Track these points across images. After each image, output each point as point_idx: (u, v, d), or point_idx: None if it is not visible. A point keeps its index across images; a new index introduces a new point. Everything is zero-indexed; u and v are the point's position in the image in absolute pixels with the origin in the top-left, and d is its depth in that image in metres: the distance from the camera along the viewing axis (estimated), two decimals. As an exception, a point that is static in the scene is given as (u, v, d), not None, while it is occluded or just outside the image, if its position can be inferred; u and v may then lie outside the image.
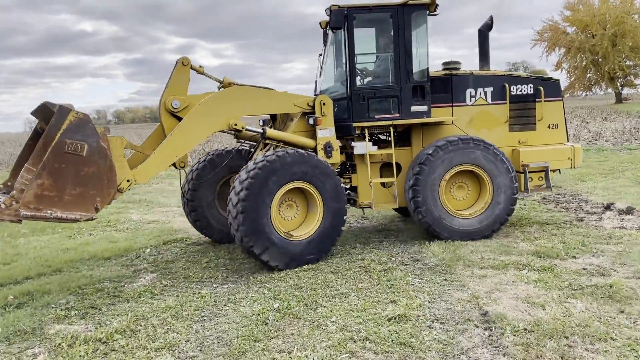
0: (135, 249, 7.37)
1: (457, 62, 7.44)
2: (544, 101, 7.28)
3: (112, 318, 4.80)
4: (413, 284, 5.24)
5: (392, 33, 6.78)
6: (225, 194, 6.83)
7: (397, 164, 7.08)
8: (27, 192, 4.92)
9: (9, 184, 5.68)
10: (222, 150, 7.55)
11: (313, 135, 6.68)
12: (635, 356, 3.57)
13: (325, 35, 7.54)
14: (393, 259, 6.17)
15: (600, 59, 49.36)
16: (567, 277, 5.19)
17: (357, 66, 6.93)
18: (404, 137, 7.30)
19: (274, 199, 5.92)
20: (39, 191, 4.99)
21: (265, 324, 4.46)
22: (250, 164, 5.97)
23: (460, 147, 6.66)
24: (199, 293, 5.35)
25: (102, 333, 4.39)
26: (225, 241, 7.38)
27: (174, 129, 6.10)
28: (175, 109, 6.29)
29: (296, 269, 5.95)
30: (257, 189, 5.81)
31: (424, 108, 6.81)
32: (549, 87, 7.35)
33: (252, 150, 7.14)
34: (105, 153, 5.29)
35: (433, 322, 4.33)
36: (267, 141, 6.66)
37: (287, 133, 6.71)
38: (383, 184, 7.13)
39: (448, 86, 7.12)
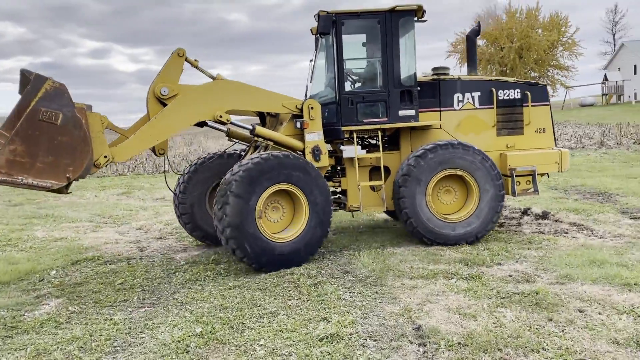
0: (38, 271, 6.64)
1: (446, 68, 7.56)
2: (531, 106, 7.38)
3: (8, 354, 4.20)
4: (344, 299, 5.05)
5: (380, 38, 6.84)
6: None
7: (386, 168, 7.14)
8: (0, 157, 5.00)
9: None
10: (215, 153, 7.63)
11: (302, 139, 6.70)
12: (568, 366, 3.56)
13: (316, 40, 7.58)
14: (323, 271, 5.96)
15: (508, 71, 52.43)
16: (495, 284, 5.21)
17: (346, 71, 6.98)
18: (392, 141, 7.38)
19: (258, 201, 5.95)
20: (11, 157, 5.05)
21: (187, 352, 4.08)
22: (236, 167, 6.06)
23: (451, 151, 6.72)
24: (111, 319, 4.84)
25: (-7, 374, 3.81)
26: (214, 243, 7.41)
27: (158, 113, 6.15)
28: (163, 95, 6.24)
29: (221, 287, 5.59)
30: (241, 191, 5.85)
31: (412, 112, 6.89)
32: (536, 92, 7.47)
33: (243, 153, 7.26)
34: (79, 123, 5.31)
35: (366, 339, 4.14)
36: (256, 138, 6.76)
37: (276, 133, 6.72)
38: (372, 188, 7.15)
39: (436, 91, 7.18)
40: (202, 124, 6.80)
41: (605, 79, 53.27)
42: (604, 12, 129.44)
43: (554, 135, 7.57)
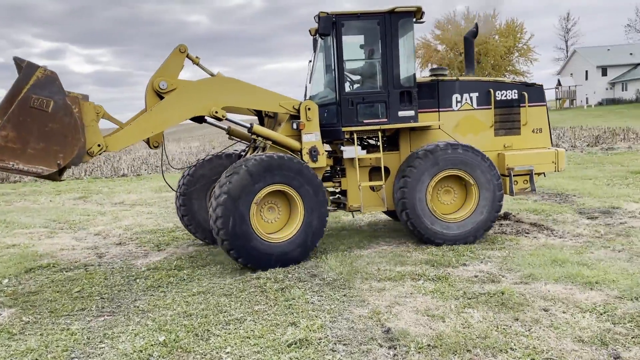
0: (-11, 280, 6.30)
1: (444, 69, 7.63)
2: (528, 106, 7.47)
3: (-46, 369, 3.94)
4: (312, 303, 4.97)
5: (379, 40, 6.85)
6: None
7: (386, 168, 7.13)
8: None
9: None
10: (215, 154, 7.71)
11: (300, 139, 6.74)
12: (536, 365, 3.58)
13: (314, 42, 7.63)
14: (290, 275, 5.86)
15: (467, 75, 53.63)
16: (461, 285, 5.24)
17: (346, 72, 6.97)
18: (392, 141, 7.38)
19: (252, 202, 6.00)
20: (3, 142, 5.16)
21: (150, 362, 3.91)
22: (230, 168, 6.13)
23: (451, 152, 6.76)
24: (68, 329, 4.61)
25: (-62, 392, 3.56)
26: (216, 243, 7.16)
27: (155, 105, 6.19)
28: (162, 89, 6.24)
29: (185, 294, 5.42)
30: (236, 193, 5.91)
31: (411, 113, 6.90)
32: (533, 93, 7.56)
33: (243, 153, 7.33)
34: (70, 111, 5.41)
35: (336, 344, 4.08)
36: (255, 137, 6.82)
37: (273, 132, 6.76)
38: (372, 188, 7.17)
39: (435, 92, 7.22)
40: (200, 120, 6.83)
41: (559, 84, 55.22)
42: (557, 20, 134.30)
43: (550, 135, 7.72)
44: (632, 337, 3.90)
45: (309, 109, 6.71)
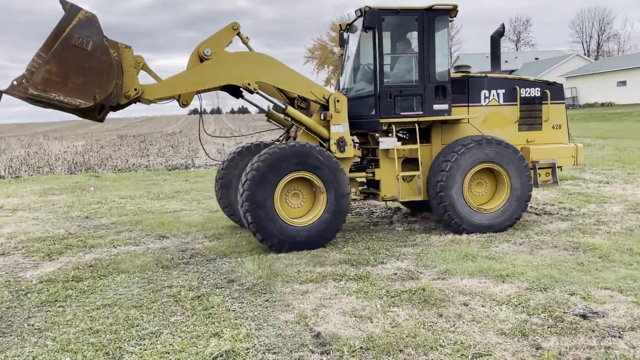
0: None
1: (468, 66, 8.06)
2: (550, 103, 7.87)
3: None
4: (234, 310, 4.70)
5: (417, 35, 7.19)
6: None
7: (418, 159, 7.41)
8: (37, 75, 5.65)
9: None
10: (253, 142, 8.08)
11: (329, 130, 7.08)
12: (468, 361, 3.64)
13: (341, 36, 8.06)
14: (205, 282, 5.53)
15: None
16: (383, 284, 5.25)
17: (385, 65, 7.20)
18: (422, 134, 7.53)
19: (276, 187, 6.40)
20: (47, 75, 5.69)
21: (55, 390, 3.43)
22: (256, 157, 6.46)
23: (485, 146, 7.12)
24: (-53, 359, 3.94)
25: None
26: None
27: (195, 66, 6.62)
28: (206, 56, 6.63)
29: (87, 308, 4.89)
30: (259, 180, 6.31)
31: (445, 107, 7.26)
32: (555, 91, 7.99)
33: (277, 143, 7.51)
34: (107, 52, 5.92)
35: (265, 353, 3.86)
36: (285, 118, 7.26)
37: (306, 117, 7.10)
38: (404, 178, 7.41)
39: (465, 87, 7.55)
40: (236, 94, 7.22)
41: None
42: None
43: (568, 131, 8.15)
44: (548, 327, 4.11)
45: (337, 100, 7.03)
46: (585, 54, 65.60)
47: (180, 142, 30.64)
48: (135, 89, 6.35)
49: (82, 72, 5.83)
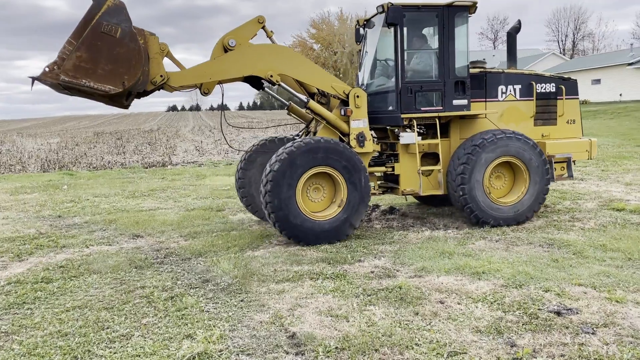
0: None
1: (484, 62, 7.99)
2: (565, 99, 8.00)
3: None
4: (208, 311, 4.61)
5: (437, 31, 7.29)
6: None
7: (437, 154, 7.58)
8: (68, 61, 5.81)
9: None
10: (274, 137, 8.22)
11: (349, 125, 7.19)
12: (443, 360, 3.62)
13: (357, 32, 8.21)
14: (179, 282, 5.42)
15: (341, 75, 55.35)
16: (360, 282, 5.22)
17: (406, 61, 7.29)
18: (439, 129, 7.58)
19: (298, 181, 6.55)
20: (77, 62, 5.84)
21: (19, 397, 3.31)
22: (280, 150, 6.63)
23: (506, 141, 7.26)
24: None
25: None
26: (267, 220, 7.61)
27: (220, 56, 6.79)
28: (230, 46, 6.79)
29: (57, 310, 4.75)
30: (283, 172, 6.45)
31: (465, 102, 7.35)
32: (569, 86, 8.11)
33: (297, 138, 7.66)
34: (135, 38, 6.06)
35: (239, 354, 3.79)
36: (306, 112, 7.50)
37: (327, 111, 7.21)
38: (423, 173, 7.54)
39: (482, 83, 7.66)
40: (258, 86, 7.28)
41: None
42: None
43: (582, 126, 8.27)
44: (522, 324, 4.11)
45: (357, 96, 7.14)
46: (561, 53, 66.62)
47: (157, 139, 30.25)
48: (161, 76, 6.48)
49: (111, 59, 5.94)
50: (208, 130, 35.33)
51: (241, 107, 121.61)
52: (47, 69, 5.81)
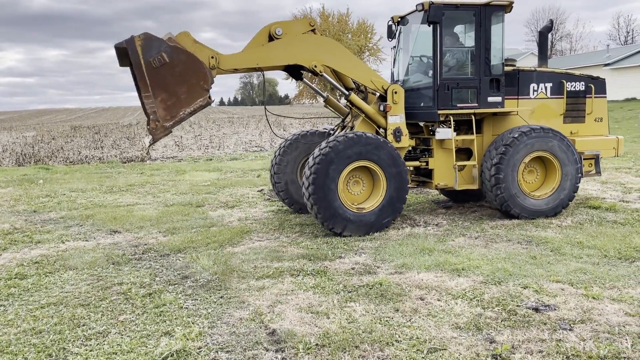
0: None
1: (514, 60, 8.16)
2: (594, 97, 8.18)
3: None
4: (187, 308, 4.55)
5: (474, 29, 7.43)
6: None
7: (470, 149, 7.79)
8: (159, 111, 6.18)
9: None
10: (308, 131, 8.46)
11: (386, 120, 7.43)
12: (423, 357, 3.62)
13: (389, 28, 8.32)
14: (157, 279, 5.34)
15: (322, 71, 55.21)
16: (340, 278, 5.21)
17: (444, 59, 7.43)
18: (470, 125, 7.74)
19: (340, 174, 6.75)
20: (164, 105, 6.22)
21: (-10, 396, 3.22)
22: (323, 143, 6.82)
23: (541, 136, 7.42)
24: None
25: None
26: (303, 212, 8.26)
27: (267, 43, 6.97)
28: (277, 35, 6.98)
29: (31, 307, 4.64)
30: (326, 165, 6.67)
31: (499, 99, 7.55)
32: (598, 85, 8.28)
33: (332, 132, 8.16)
34: (178, 49, 6.28)
35: (218, 352, 3.75)
36: (346, 105, 7.80)
37: (366, 105, 7.46)
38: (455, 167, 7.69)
39: (515, 81, 7.82)
40: (297, 76, 7.74)
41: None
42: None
43: (608, 123, 8.44)
44: (501, 321, 4.15)
45: (395, 92, 7.35)
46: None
47: (136, 133, 29.84)
48: (212, 57, 6.67)
49: (180, 80, 6.25)
50: (188, 125, 34.96)
51: (222, 103, 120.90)
52: (153, 129, 6.21)
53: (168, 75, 6.18)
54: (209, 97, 6.53)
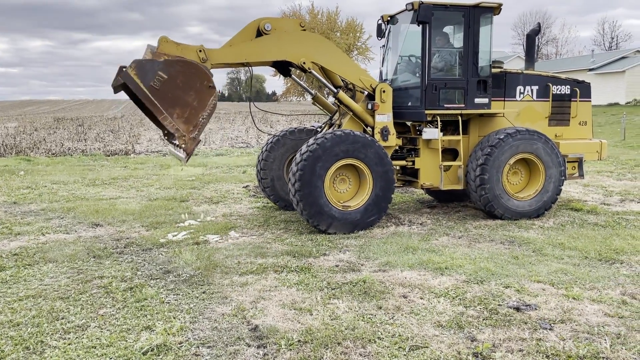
0: None
1: (501, 62, 8.12)
2: (579, 101, 8.25)
3: None
4: (168, 302, 4.51)
5: (462, 31, 7.45)
6: None
7: (456, 150, 7.83)
8: (180, 126, 6.34)
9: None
10: (295, 128, 8.46)
11: (373, 118, 7.44)
12: (405, 355, 3.63)
13: (379, 27, 8.30)
14: (139, 273, 5.28)
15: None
16: (324, 275, 5.20)
17: (432, 59, 7.44)
18: (457, 126, 7.78)
19: (327, 172, 6.73)
20: (182, 119, 6.36)
21: (-36, 389, 3.16)
22: (311, 140, 6.80)
23: (527, 138, 7.47)
24: None
25: None
26: (289, 208, 8.22)
27: (256, 39, 6.94)
28: (265, 30, 6.93)
29: (9, 299, 4.56)
30: (312, 162, 6.63)
31: (486, 100, 7.58)
32: (583, 89, 8.35)
33: (319, 130, 8.16)
34: (173, 62, 6.35)
35: (199, 347, 3.72)
36: (334, 103, 7.79)
37: (354, 103, 7.47)
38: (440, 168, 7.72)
39: (502, 82, 7.88)
40: (286, 73, 7.66)
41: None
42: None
43: (592, 127, 8.52)
44: (483, 319, 4.17)
45: (383, 91, 7.37)
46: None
47: (121, 127, 29.53)
48: (200, 50, 6.65)
49: (186, 90, 6.34)
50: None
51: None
52: (183, 146, 6.36)
53: (173, 90, 6.27)
54: (217, 92, 6.61)
